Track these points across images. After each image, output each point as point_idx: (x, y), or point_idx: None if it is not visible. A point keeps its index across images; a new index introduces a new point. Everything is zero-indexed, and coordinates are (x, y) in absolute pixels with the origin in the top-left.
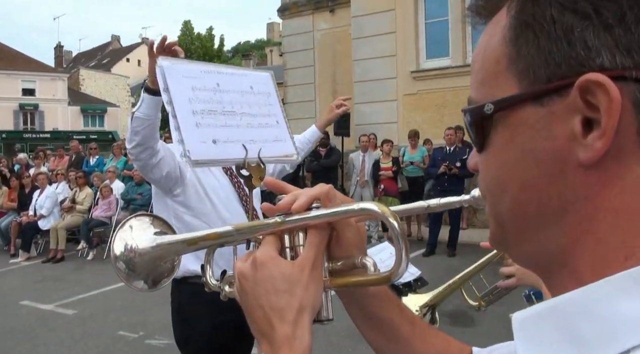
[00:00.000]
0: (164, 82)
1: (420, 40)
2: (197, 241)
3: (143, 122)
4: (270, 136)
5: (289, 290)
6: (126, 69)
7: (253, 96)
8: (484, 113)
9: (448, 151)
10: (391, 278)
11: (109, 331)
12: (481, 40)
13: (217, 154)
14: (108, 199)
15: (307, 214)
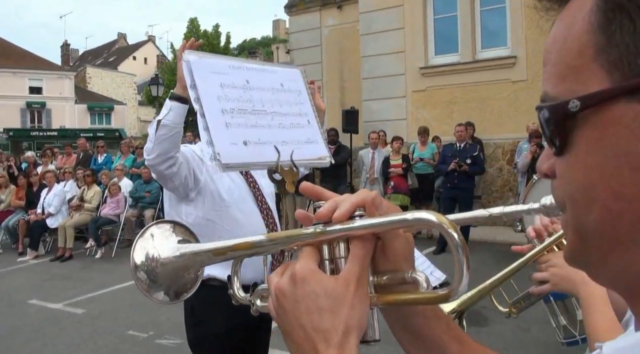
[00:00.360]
0: (191, 78)
1: (429, 36)
2: (225, 251)
3: (171, 130)
4: (302, 136)
5: (333, 309)
6: (133, 67)
7: (284, 94)
8: (567, 110)
9: (458, 148)
10: (450, 296)
11: (119, 330)
12: (557, 30)
13: (248, 157)
14: (116, 197)
15: (351, 223)
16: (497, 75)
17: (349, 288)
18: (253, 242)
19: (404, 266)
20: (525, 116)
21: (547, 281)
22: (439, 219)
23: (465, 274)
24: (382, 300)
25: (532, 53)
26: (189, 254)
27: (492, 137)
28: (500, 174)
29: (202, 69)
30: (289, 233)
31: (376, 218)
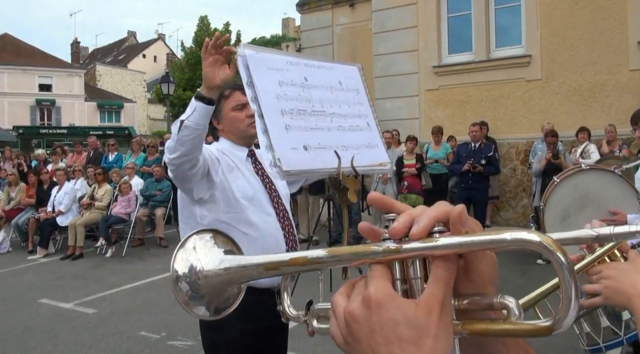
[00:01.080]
0: (248, 75)
1: (442, 35)
2: (278, 266)
3: (193, 131)
4: (363, 140)
5: (416, 340)
6: (142, 65)
7: (342, 93)
8: None
9: (473, 148)
10: (553, 329)
11: (131, 331)
12: None
13: (309, 163)
14: (127, 195)
15: (434, 242)
16: (511, 74)
17: (431, 316)
18: (312, 257)
19: (490, 288)
20: (539, 116)
21: (598, 293)
22: (544, 240)
23: (574, 303)
24: (469, 329)
25: (546, 52)
26: (236, 268)
27: (506, 136)
28: (514, 174)
29: (259, 65)
30: (357, 250)
31: (467, 237)
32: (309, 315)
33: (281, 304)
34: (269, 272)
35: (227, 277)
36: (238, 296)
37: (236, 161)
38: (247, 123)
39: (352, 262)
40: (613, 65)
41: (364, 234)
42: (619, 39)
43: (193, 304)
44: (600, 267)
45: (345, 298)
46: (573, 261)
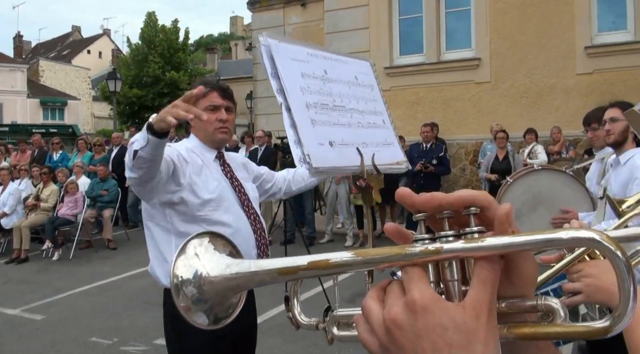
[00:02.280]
0: (273, 67)
1: (394, 37)
2: (296, 271)
3: (148, 161)
4: (380, 138)
5: (466, 346)
6: (87, 61)
7: (359, 89)
8: None
9: (424, 148)
10: (611, 330)
11: (81, 337)
12: None
13: (335, 160)
14: (74, 196)
15: (477, 240)
16: (461, 76)
17: (479, 320)
18: (336, 262)
19: (530, 290)
20: (488, 117)
21: (579, 292)
22: (604, 239)
23: (632, 303)
24: (515, 333)
25: (495, 55)
26: (246, 273)
27: (456, 137)
28: (464, 174)
29: (283, 55)
30: (387, 251)
31: (517, 237)
32: (327, 322)
33: (291, 311)
34: (284, 277)
35: (235, 282)
36: (238, 305)
37: (205, 161)
38: (216, 127)
39: (384, 264)
40: (560, 69)
41: (391, 236)
42: (566, 45)
43: (194, 310)
44: (581, 265)
45: (378, 302)
46: (551, 260)
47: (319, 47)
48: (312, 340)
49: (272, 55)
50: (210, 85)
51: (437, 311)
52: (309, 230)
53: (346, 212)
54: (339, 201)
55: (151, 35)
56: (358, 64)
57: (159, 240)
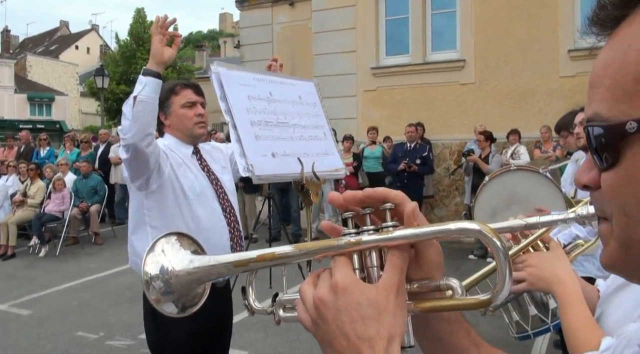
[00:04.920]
0: (222, 90)
1: (380, 37)
2: (247, 263)
3: (147, 105)
4: (320, 148)
5: (377, 318)
6: (75, 57)
7: (302, 107)
8: (624, 131)
9: (409, 148)
10: (492, 301)
11: (68, 332)
12: (610, 54)
13: (276, 169)
14: (61, 192)
15: (390, 234)
16: (446, 77)
17: (389, 297)
18: (280, 253)
19: (436, 274)
20: (472, 118)
21: (523, 280)
22: (484, 229)
23: (508, 280)
24: (420, 307)
25: (480, 57)
26: (206, 266)
27: (440, 137)
28: (448, 174)
29: (231, 81)
30: (321, 245)
31: (418, 228)
32: (275, 306)
33: (246, 299)
34: (238, 268)
35: (196, 275)
36: (203, 295)
37: (183, 158)
38: (195, 122)
39: (318, 255)
40: (544, 72)
41: (326, 231)
42: (550, 48)
43: (164, 301)
44: (525, 256)
45: (312, 286)
46: None
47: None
48: (295, 335)
49: (221, 81)
50: (184, 83)
51: (355, 290)
52: (295, 228)
53: (331, 210)
54: (324, 199)
55: (140, 31)
56: (303, 85)
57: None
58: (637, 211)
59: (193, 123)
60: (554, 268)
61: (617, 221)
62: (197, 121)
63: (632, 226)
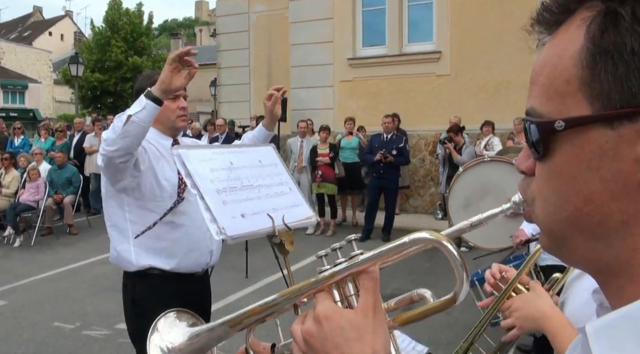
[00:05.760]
0: (185, 168)
1: (357, 28)
2: (241, 320)
3: (138, 127)
4: (288, 202)
5: (359, 338)
6: (48, 43)
7: (263, 168)
8: (553, 128)
9: (385, 139)
10: (455, 299)
11: (44, 322)
12: (548, 54)
13: (248, 227)
14: (36, 182)
15: (357, 259)
16: (422, 69)
17: (367, 316)
18: (266, 303)
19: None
20: (447, 109)
21: (513, 326)
22: (435, 236)
23: (465, 277)
24: (398, 321)
25: (456, 49)
26: (204, 332)
27: (416, 128)
28: (423, 164)
29: (192, 159)
30: (299, 286)
31: (378, 249)
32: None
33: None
34: (234, 328)
35: (198, 344)
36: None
37: (162, 150)
38: (178, 115)
39: (300, 296)
40: (518, 64)
41: None
42: (524, 40)
43: None
44: (509, 302)
45: (300, 324)
46: (488, 304)
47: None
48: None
49: (183, 161)
50: None
51: (336, 317)
52: None
53: (308, 201)
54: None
55: (115, 18)
56: (262, 150)
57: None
58: (559, 201)
59: (175, 116)
60: (537, 306)
61: (539, 207)
62: (180, 114)
63: (554, 214)
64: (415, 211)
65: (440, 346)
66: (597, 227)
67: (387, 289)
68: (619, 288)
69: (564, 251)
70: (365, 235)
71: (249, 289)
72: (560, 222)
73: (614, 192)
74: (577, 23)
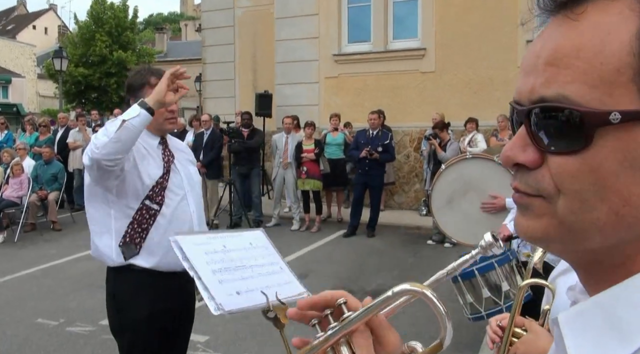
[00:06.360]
0: (182, 253)
1: (342, 24)
2: None
3: (131, 133)
4: (281, 280)
5: None
6: (32, 37)
7: (255, 250)
8: (607, 119)
9: (371, 135)
10: (442, 344)
11: (28, 319)
12: (583, 37)
13: (243, 303)
14: (19, 178)
15: (347, 319)
16: (407, 65)
17: None
18: None
19: (399, 347)
20: (432, 106)
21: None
22: (418, 287)
23: (448, 325)
24: None
25: (440, 46)
26: None
27: (401, 125)
28: (408, 161)
29: (189, 244)
30: (302, 351)
31: (364, 307)
32: None
33: None
34: None
35: None
36: None
37: (148, 148)
38: (166, 117)
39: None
40: (502, 61)
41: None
42: (508, 38)
43: None
44: (513, 349)
45: None
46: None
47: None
48: (257, 319)
49: (180, 246)
50: (158, 74)
51: None
52: (256, 214)
53: (293, 197)
54: (286, 186)
55: (99, 12)
56: (252, 234)
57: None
58: (592, 198)
59: (164, 118)
60: (538, 346)
61: (569, 204)
62: (168, 116)
63: (584, 212)
64: (400, 207)
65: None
66: (623, 230)
67: (372, 285)
68: (608, 281)
69: (570, 248)
70: (351, 231)
71: None
72: (588, 222)
73: None
74: (624, 4)
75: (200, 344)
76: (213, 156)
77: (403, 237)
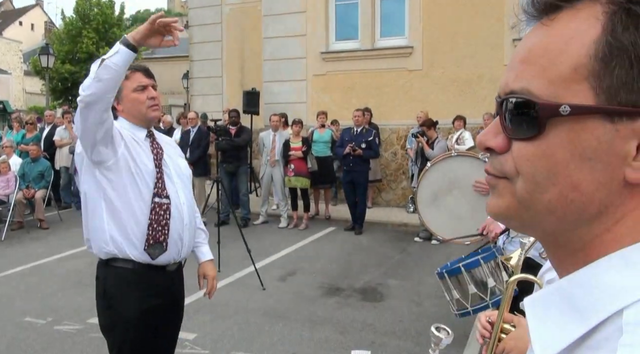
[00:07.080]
0: None
1: (330, 22)
2: None
3: (112, 72)
4: None
5: None
6: (18, 33)
7: None
8: (557, 111)
9: (355, 132)
10: None
11: (15, 317)
12: (551, 38)
13: None
14: (6, 175)
15: None
16: (394, 63)
17: None
18: None
19: None
20: (418, 104)
21: None
22: None
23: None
24: None
25: (427, 44)
26: None
27: (388, 122)
28: (395, 158)
29: None
30: None
31: None
32: None
33: None
34: None
35: None
36: None
37: (137, 140)
38: (148, 105)
39: None
40: (489, 59)
41: None
42: (495, 36)
43: None
44: (501, 345)
45: None
46: None
47: None
48: (243, 317)
49: None
50: (133, 67)
51: None
52: (244, 211)
53: (281, 195)
54: (274, 184)
55: (86, 8)
56: None
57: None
58: (544, 181)
59: (146, 107)
60: (526, 342)
61: (525, 185)
62: (150, 104)
63: (537, 193)
64: (388, 204)
65: (410, 337)
66: (573, 213)
67: (359, 282)
68: (571, 266)
69: (528, 226)
70: (352, 226)
71: (222, 282)
72: (540, 202)
73: (600, 183)
74: (591, 13)
75: (189, 342)
76: (199, 153)
77: (390, 234)
